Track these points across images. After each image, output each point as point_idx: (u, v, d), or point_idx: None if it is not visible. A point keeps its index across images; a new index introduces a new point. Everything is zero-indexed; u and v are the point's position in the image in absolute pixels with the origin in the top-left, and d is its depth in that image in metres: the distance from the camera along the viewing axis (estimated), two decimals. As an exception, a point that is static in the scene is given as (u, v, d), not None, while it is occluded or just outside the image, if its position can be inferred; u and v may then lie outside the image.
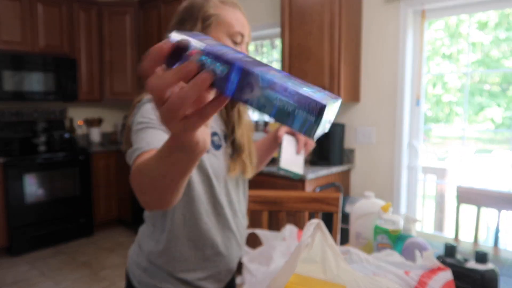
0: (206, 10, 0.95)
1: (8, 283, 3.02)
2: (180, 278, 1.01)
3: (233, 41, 0.97)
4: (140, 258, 1.05)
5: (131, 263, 1.07)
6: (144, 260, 1.04)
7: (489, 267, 1.00)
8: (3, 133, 3.85)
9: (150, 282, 1.02)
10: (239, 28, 0.97)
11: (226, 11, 0.97)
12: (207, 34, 0.94)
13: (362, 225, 1.38)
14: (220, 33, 0.96)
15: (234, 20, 0.97)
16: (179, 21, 0.97)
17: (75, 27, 4.09)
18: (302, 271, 0.98)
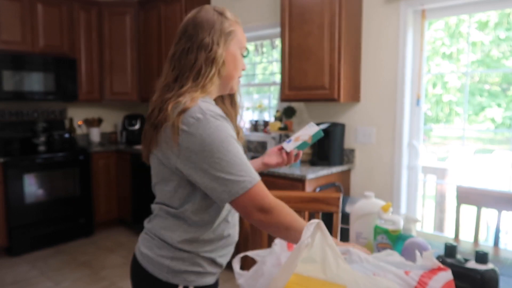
0: (227, 26, 1.11)
1: (8, 283, 3.02)
2: (206, 257, 1.11)
3: (241, 54, 1.15)
4: (164, 250, 1.09)
5: (154, 258, 1.10)
6: (170, 249, 1.09)
7: (489, 267, 1.00)
8: (3, 133, 3.85)
9: (180, 267, 1.08)
10: (245, 43, 1.17)
11: (238, 29, 1.15)
12: (228, 47, 1.11)
13: (362, 225, 1.38)
14: (235, 47, 1.12)
15: (243, 37, 1.16)
16: (199, 31, 1.08)
17: (75, 27, 4.09)
18: (302, 271, 0.98)
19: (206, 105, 1.01)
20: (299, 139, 1.32)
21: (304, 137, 1.32)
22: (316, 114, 3.20)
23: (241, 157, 0.99)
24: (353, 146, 2.99)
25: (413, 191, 2.80)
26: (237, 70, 1.14)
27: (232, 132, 1.01)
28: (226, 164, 0.97)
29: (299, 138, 1.33)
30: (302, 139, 1.32)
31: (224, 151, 0.97)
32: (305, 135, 1.32)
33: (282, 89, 3.02)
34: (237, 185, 0.97)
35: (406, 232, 1.30)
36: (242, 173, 0.97)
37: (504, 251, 1.58)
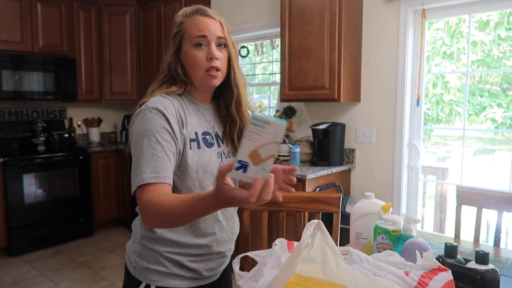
0: (176, 26, 1.09)
1: (8, 284, 3.01)
2: (170, 258, 1.08)
3: (197, 45, 1.05)
4: (135, 245, 1.12)
5: (128, 252, 1.15)
6: (138, 245, 1.11)
7: (489, 267, 1.00)
8: (2, 133, 3.84)
9: (144, 264, 1.08)
10: (199, 32, 1.04)
11: (188, 21, 1.06)
12: (179, 48, 1.09)
13: (362, 225, 1.38)
14: (186, 45, 1.07)
15: (194, 28, 1.04)
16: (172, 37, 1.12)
17: (75, 27, 4.09)
18: (302, 271, 0.97)
19: (155, 99, 1.05)
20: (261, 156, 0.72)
21: (268, 150, 0.72)
22: (316, 114, 3.19)
23: (151, 154, 0.96)
24: (353, 146, 2.99)
25: (413, 191, 2.80)
26: (194, 67, 1.07)
27: (160, 127, 0.99)
28: (135, 157, 0.99)
29: (257, 153, 0.72)
30: (266, 153, 0.72)
31: (138, 143, 0.99)
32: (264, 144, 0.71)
33: (282, 89, 3.01)
34: (135, 179, 0.97)
35: (406, 232, 1.29)
36: (139, 170, 0.96)
37: (504, 251, 1.57)
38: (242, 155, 0.72)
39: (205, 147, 1.09)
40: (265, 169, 0.73)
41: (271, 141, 0.71)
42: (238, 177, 0.74)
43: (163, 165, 0.97)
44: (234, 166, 0.73)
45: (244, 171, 0.73)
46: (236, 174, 0.73)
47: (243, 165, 0.73)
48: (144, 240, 1.10)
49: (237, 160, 0.72)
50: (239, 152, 0.72)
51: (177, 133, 1.02)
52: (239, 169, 0.73)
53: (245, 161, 0.73)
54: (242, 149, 0.72)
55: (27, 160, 3.55)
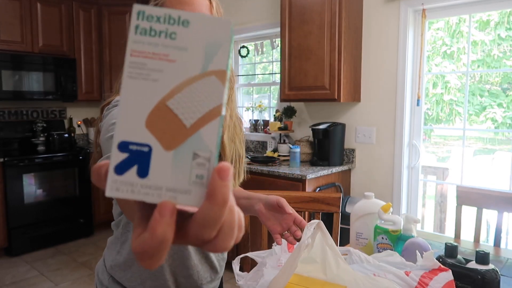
0: (153, 2, 0.87)
1: (8, 284, 3.01)
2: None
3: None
4: (103, 274, 0.96)
5: (96, 279, 0.99)
6: (106, 276, 0.95)
7: (490, 267, 1.00)
8: (2, 133, 3.84)
9: None
10: (180, 7, 0.84)
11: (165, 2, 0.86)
12: None
13: (362, 225, 1.38)
14: None
15: (174, 2, 0.85)
16: None
17: (75, 27, 4.08)
18: (302, 271, 0.97)
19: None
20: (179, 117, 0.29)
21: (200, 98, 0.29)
22: (316, 114, 3.19)
23: (110, 140, 0.77)
24: (353, 146, 2.99)
25: (413, 191, 2.80)
26: None
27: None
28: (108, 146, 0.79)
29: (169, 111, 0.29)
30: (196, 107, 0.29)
31: (103, 141, 0.81)
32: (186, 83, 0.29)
33: (282, 89, 3.01)
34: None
35: (406, 232, 1.29)
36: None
37: (504, 251, 1.57)
38: (128, 126, 0.29)
39: None
40: (201, 157, 0.29)
41: (201, 69, 0.30)
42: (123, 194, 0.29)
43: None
44: (113, 162, 0.29)
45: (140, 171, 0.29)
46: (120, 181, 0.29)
47: (134, 154, 0.29)
48: (113, 270, 0.94)
49: (117, 143, 0.29)
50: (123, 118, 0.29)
51: None
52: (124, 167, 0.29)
53: (136, 141, 0.29)
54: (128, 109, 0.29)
55: (27, 160, 3.55)
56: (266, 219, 0.99)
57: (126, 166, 0.29)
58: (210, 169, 0.29)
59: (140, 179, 0.29)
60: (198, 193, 0.29)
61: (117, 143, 0.29)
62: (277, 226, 0.98)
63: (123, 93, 0.29)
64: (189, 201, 0.29)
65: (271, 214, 0.99)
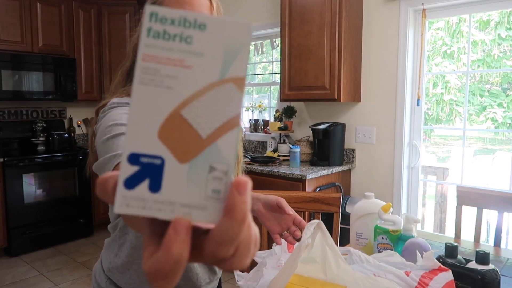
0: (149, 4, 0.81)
1: (7, 284, 3.01)
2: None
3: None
4: (101, 277, 0.94)
5: (94, 281, 0.97)
6: (103, 279, 0.93)
7: (490, 267, 1.00)
8: (2, 133, 3.84)
9: None
10: (179, 7, 0.81)
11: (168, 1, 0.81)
12: None
13: (362, 225, 1.37)
14: None
15: (174, 3, 0.81)
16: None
17: (75, 27, 4.08)
18: (302, 271, 0.97)
19: (118, 98, 0.86)
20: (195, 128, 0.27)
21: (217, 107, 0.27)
22: (316, 114, 3.19)
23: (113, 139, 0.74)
24: (353, 146, 2.99)
25: (413, 191, 2.80)
26: None
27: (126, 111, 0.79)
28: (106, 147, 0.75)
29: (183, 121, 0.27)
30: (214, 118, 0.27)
31: (106, 133, 0.76)
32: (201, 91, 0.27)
33: (282, 89, 3.01)
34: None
35: (406, 232, 1.29)
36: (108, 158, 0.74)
37: (504, 251, 1.57)
38: (140, 135, 0.27)
39: None
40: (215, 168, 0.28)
41: (219, 76, 0.28)
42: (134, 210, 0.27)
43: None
44: (122, 175, 0.27)
45: (152, 185, 0.27)
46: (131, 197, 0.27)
47: (145, 167, 0.27)
48: (111, 272, 0.92)
49: (128, 155, 0.27)
50: (134, 127, 0.27)
51: None
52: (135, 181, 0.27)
53: (148, 153, 0.27)
54: (139, 117, 0.27)
55: (26, 160, 3.55)
56: (265, 219, 0.98)
57: (137, 180, 0.27)
58: (227, 183, 0.27)
59: (152, 194, 0.27)
60: (214, 209, 0.27)
61: (127, 155, 0.27)
62: (277, 226, 0.97)
63: (133, 100, 0.27)
64: (205, 217, 0.27)
65: (271, 214, 0.98)
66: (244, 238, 0.26)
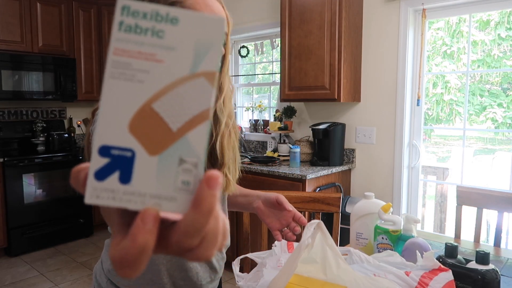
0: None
1: (7, 284, 3.01)
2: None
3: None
4: (101, 277, 0.92)
5: (94, 284, 0.95)
6: (104, 279, 0.91)
7: (490, 267, 0.99)
8: (2, 133, 3.84)
9: None
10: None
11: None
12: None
13: (363, 225, 1.37)
14: None
15: (203, 7, 0.76)
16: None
17: (75, 27, 4.08)
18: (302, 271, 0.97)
19: None
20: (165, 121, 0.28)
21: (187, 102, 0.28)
22: (316, 114, 3.19)
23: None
24: (353, 146, 2.99)
25: (413, 191, 2.80)
26: None
27: None
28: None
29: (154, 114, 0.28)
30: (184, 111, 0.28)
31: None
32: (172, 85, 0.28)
33: (282, 89, 3.01)
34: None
35: (406, 232, 1.29)
36: None
37: (505, 251, 1.57)
38: (110, 129, 0.28)
39: None
40: (185, 160, 0.28)
41: (189, 71, 0.28)
42: (104, 201, 0.29)
43: None
44: (93, 167, 0.28)
45: (122, 177, 0.28)
46: (101, 188, 0.29)
47: (116, 159, 0.28)
48: (111, 274, 0.91)
49: (98, 147, 0.28)
50: (104, 120, 0.28)
51: None
52: (106, 173, 0.28)
53: (119, 145, 0.28)
54: (109, 110, 0.28)
55: (26, 160, 3.55)
56: (265, 216, 0.98)
57: (107, 172, 0.28)
58: (197, 176, 0.28)
59: (123, 186, 0.28)
60: (184, 200, 0.28)
61: (98, 148, 0.27)
62: (276, 223, 0.97)
63: (104, 94, 0.27)
64: (174, 208, 0.28)
65: (270, 211, 0.98)
66: (210, 230, 0.27)
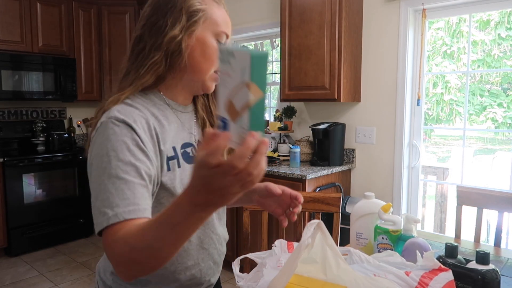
0: (192, 3, 0.84)
1: (7, 284, 3.01)
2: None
3: (217, 40, 0.88)
4: (106, 274, 0.94)
5: (98, 276, 0.97)
6: (109, 276, 0.93)
7: (490, 267, 0.99)
8: (2, 133, 3.84)
9: None
10: (224, 28, 0.90)
11: (213, 8, 0.88)
12: (192, 32, 0.85)
13: (363, 225, 1.37)
14: (206, 32, 0.86)
15: (221, 19, 0.89)
16: (155, 12, 0.86)
17: (75, 27, 4.08)
18: (302, 271, 0.97)
19: (121, 108, 0.80)
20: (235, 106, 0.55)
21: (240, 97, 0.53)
22: (316, 114, 3.19)
23: (123, 180, 0.72)
24: (353, 146, 2.99)
25: (413, 191, 2.79)
26: (208, 60, 0.86)
27: (131, 144, 0.76)
28: (100, 187, 0.72)
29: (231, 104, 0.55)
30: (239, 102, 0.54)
31: (103, 168, 0.73)
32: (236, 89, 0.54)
33: (282, 89, 3.01)
34: (103, 215, 0.70)
35: (406, 232, 1.29)
36: (112, 203, 0.70)
37: (505, 251, 1.57)
38: (220, 108, 0.56)
39: (185, 163, 0.89)
40: (243, 127, 0.52)
41: (240, 82, 0.51)
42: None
43: (140, 193, 0.73)
44: (219, 126, 0.57)
45: (225, 129, 0.56)
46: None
47: (223, 123, 0.56)
48: (115, 276, 0.91)
49: (218, 117, 0.57)
50: (218, 104, 0.57)
51: (151, 153, 0.80)
52: (224, 128, 0.56)
53: (224, 116, 0.56)
54: (219, 99, 0.56)
55: (26, 160, 3.55)
56: (266, 206, 1.00)
57: (224, 128, 0.55)
58: (246, 133, 0.52)
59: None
60: (240, 143, 0.52)
61: (218, 117, 0.57)
62: (278, 209, 0.98)
63: (219, 90, 0.56)
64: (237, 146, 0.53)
65: (268, 200, 0.99)
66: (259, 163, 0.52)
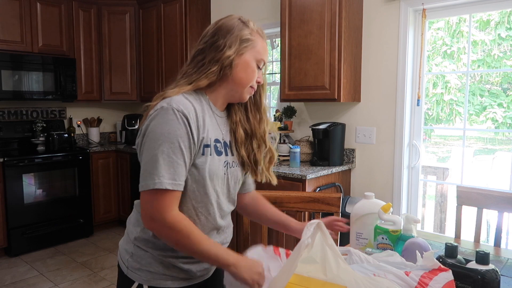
0: (246, 34, 1.09)
1: (7, 284, 3.01)
2: (162, 260, 1.09)
3: (257, 65, 1.12)
4: (128, 245, 1.13)
5: (121, 250, 1.16)
6: (131, 245, 1.12)
7: (490, 267, 0.99)
8: (2, 133, 3.84)
9: (136, 265, 1.10)
10: (264, 56, 1.13)
11: (258, 40, 1.12)
12: (242, 54, 1.08)
13: (363, 225, 1.37)
14: (251, 57, 1.10)
15: (262, 49, 1.12)
16: (217, 33, 1.09)
17: (74, 27, 4.08)
18: (302, 271, 0.97)
19: (180, 99, 1.02)
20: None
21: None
22: (316, 114, 3.19)
23: (172, 159, 0.97)
24: (353, 146, 2.99)
25: (413, 191, 2.80)
26: (248, 77, 1.10)
27: (183, 133, 0.99)
28: (149, 158, 0.98)
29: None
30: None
31: (159, 144, 0.97)
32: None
33: (282, 89, 3.01)
34: (144, 180, 0.97)
35: (406, 232, 1.29)
36: (156, 171, 0.96)
37: (505, 251, 1.57)
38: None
39: (215, 154, 1.09)
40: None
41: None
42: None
43: (180, 172, 0.99)
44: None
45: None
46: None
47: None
48: (137, 241, 1.11)
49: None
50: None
51: (196, 139, 1.02)
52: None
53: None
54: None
55: (26, 160, 3.55)
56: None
57: None
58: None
59: None
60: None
61: None
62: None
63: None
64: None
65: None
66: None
